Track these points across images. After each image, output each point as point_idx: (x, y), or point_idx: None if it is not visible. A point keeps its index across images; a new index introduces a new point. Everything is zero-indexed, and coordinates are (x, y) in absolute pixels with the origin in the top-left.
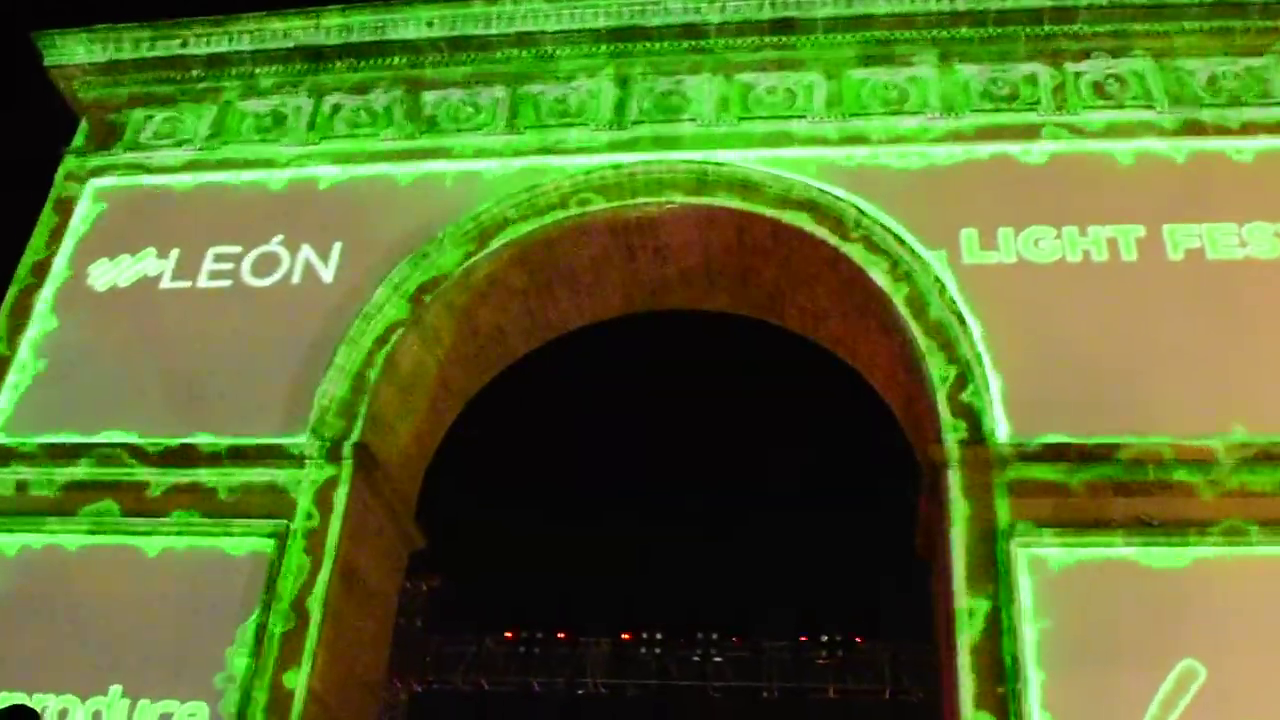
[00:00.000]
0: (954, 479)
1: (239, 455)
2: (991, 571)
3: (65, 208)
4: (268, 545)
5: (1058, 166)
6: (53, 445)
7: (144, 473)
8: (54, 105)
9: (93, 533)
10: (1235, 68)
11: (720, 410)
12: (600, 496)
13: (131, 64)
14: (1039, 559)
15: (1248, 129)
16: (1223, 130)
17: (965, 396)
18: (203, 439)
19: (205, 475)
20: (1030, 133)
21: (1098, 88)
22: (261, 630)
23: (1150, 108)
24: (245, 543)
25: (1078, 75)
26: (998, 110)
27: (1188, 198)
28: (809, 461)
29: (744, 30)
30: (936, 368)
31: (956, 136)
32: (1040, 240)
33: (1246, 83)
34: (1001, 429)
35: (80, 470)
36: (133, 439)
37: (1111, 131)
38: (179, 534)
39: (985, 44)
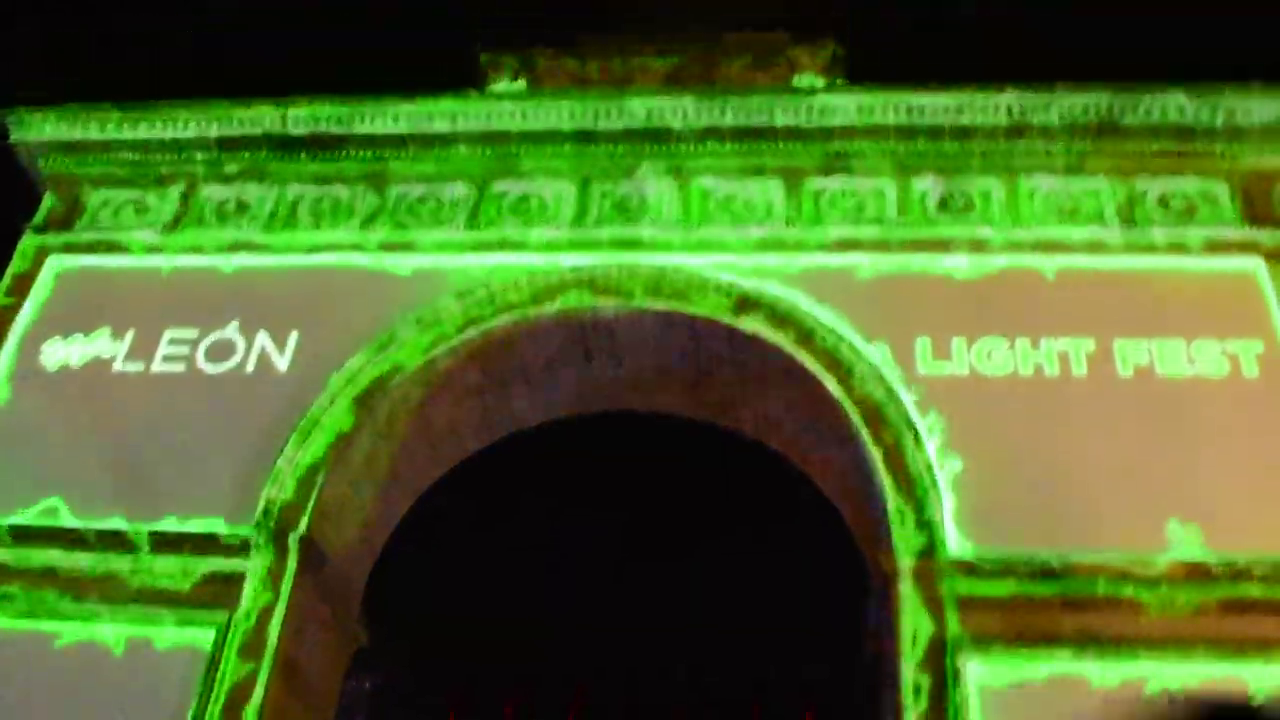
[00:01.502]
0: (904, 590)
1: (181, 543)
2: (940, 684)
3: (22, 284)
4: (206, 637)
5: (1011, 279)
6: None
7: (77, 557)
8: (16, 180)
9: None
10: (1186, 188)
11: (668, 511)
12: (549, 595)
13: (97, 143)
14: (988, 673)
15: (1195, 247)
16: (1172, 248)
17: (917, 507)
18: (144, 525)
19: (145, 562)
20: (984, 245)
21: (1051, 203)
22: None
23: (1101, 224)
24: (182, 634)
25: (1031, 190)
26: (953, 222)
27: (1137, 314)
28: (758, 566)
29: (705, 136)
30: (888, 478)
31: (912, 246)
32: (993, 352)
33: (1196, 202)
34: (953, 541)
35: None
36: (69, 521)
37: (1063, 246)
38: (110, 622)
39: (941, 157)
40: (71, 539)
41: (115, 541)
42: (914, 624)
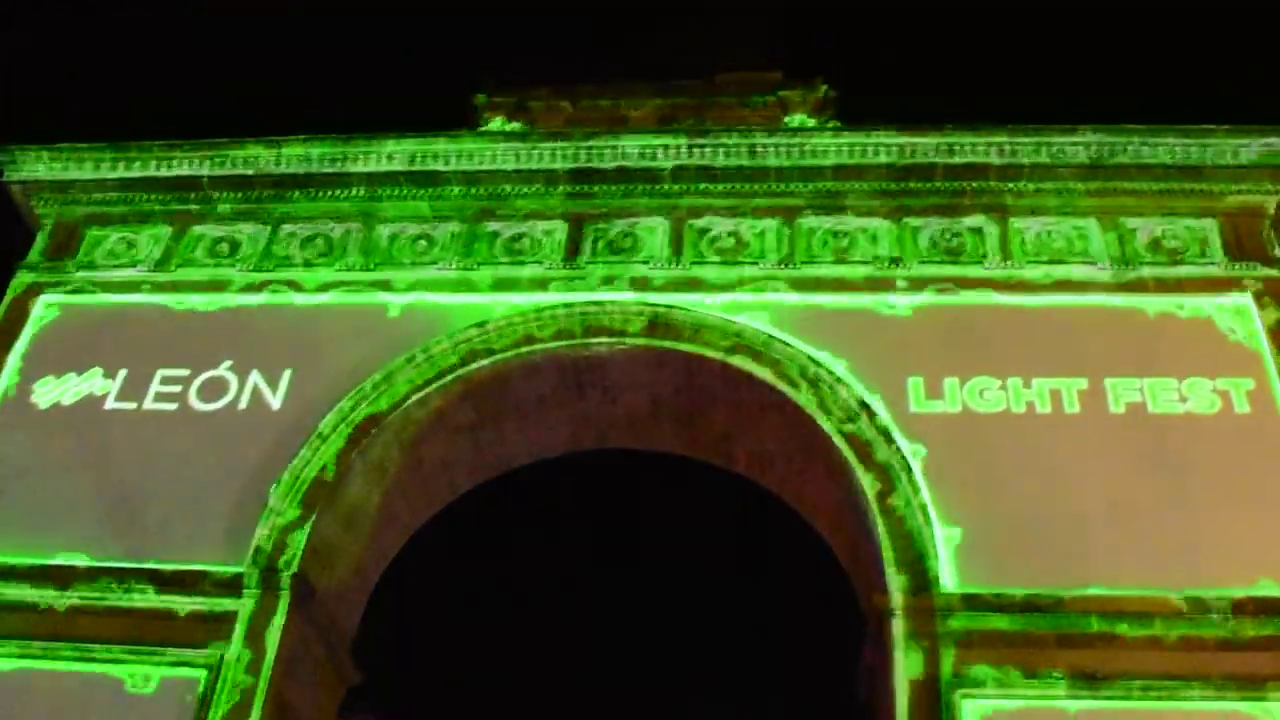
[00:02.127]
0: (898, 628)
1: (173, 582)
2: None
3: (15, 322)
4: (199, 676)
5: (1002, 318)
6: None
7: (68, 596)
8: (9, 218)
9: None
10: (1176, 227)
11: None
12: (541, 633)
13: (91, 182)
14: (983, 709)
15: (1187, 287)
16: (1162, 286)
17: (911, 545)
18: (136, 563)
19: (138, 600)
20: (975, 284)
21: (1042, 242)
22: None
23: (1092, 263)
24: (174, 673)
25: (1023, 230)
26: (945, 262)
27: (1129, 352)
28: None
29: (697, 176)
30: (881, 516)
31: (904, 286)
32: (985, 391)
33: (1186, 242)
34: (946, 578)
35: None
36: (60, 559)
37: (1055, 286)
38: (108, 662)
39: (933, 196)
40: (63, 577)
41: (107, 580)
42: (908, 661)
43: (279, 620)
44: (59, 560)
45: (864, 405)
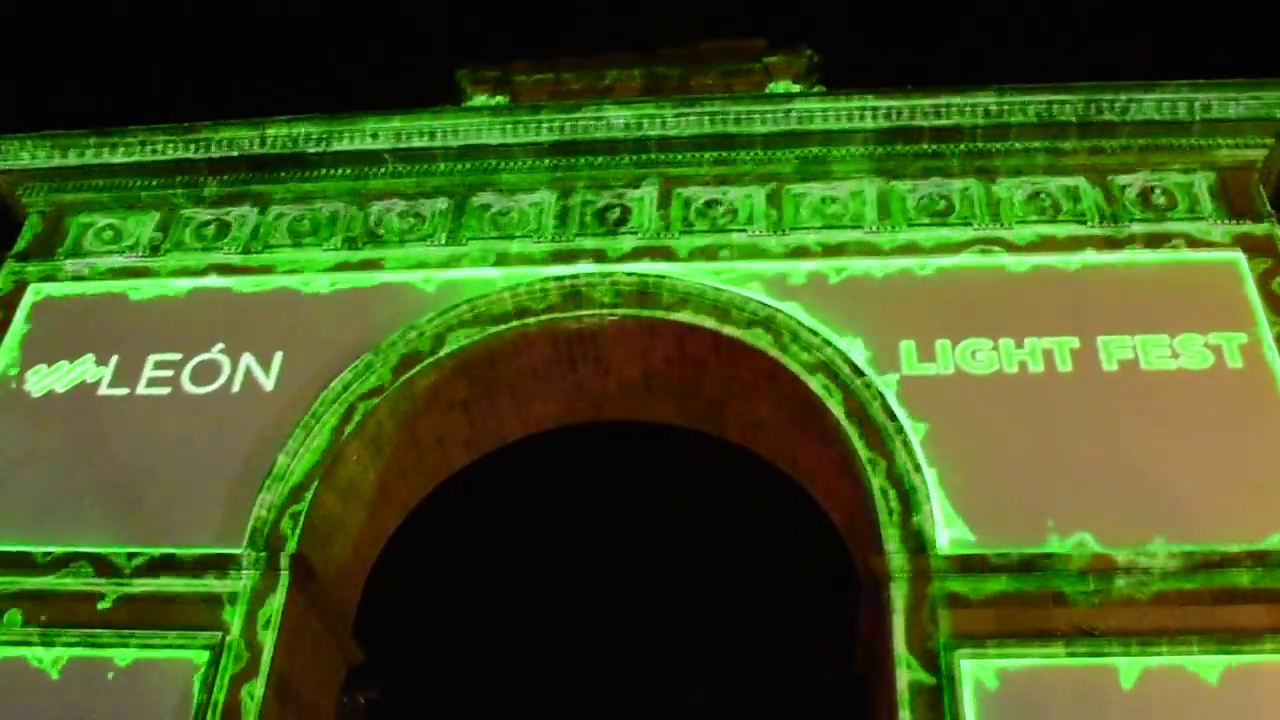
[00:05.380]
0: (896, 591)
1: (172, 565)
2: (935, 684)
3: (5, 312)
4: (201, 658)
5: (993, 279)
6: None
7: (68, 581)
8: None
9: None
10: (1165, 183)
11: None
12: (541, 608)
13: (76, 170)
14: (982, 671)
15: (1177, 243)
16: (1153, 243)
17: (906, 508)
18: (134, 547)
19: (138, 585)
20: (965, 246)
21: (1031, 202)
22: None
23: (1082, 222)
24: (176, 655)
25: (1011, 190)
26: (933, 224)
27: (1120, 310)
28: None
29: (685, 145)
30: (876, 479)
31: (893, 249)
32: (977, 352)
33: (1176, 197)
34: (943, 540)
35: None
36: (59, 546)
37: (1045, 245)
38: (110, 645)
39: (920, 159)
40: (62, 563)
41: (105, 565)
42: (906, 624)
43: (278, 600)
44: (56, 546)
45: (857, 369)
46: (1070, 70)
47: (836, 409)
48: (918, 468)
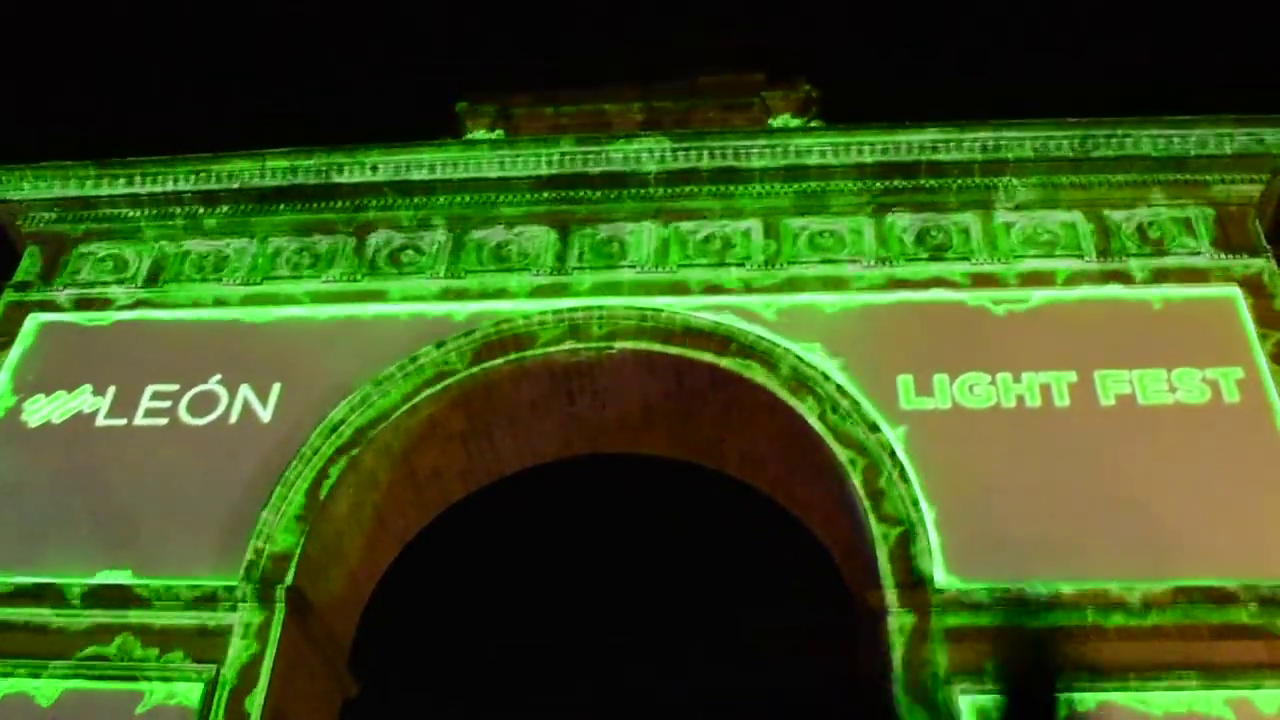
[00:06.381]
0: (894, 625)
1: (167, 597)
2: (933, 718)
3: (4, 342)
4: (196, 691)
5: (991, 313)
6: None
7: (63, 614)
8: None
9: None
10: (1162, 219)
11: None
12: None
13: (77, 201)
14: (980, 706)
15: (1174, 277)
16: (1150, 278)
17: (903, 542)
18: (132, 579)
19: (133, 617)
20: (963, 281)
21: (1028, 236)
22: None
23: (1079, 256)
24: (171, 688)
25: (1008, 224)
26: (931, 259)
27: (1117, 344)
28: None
29: (682, 179)
30: (874, 513)
31: (891, 283)
32: (975, 386)
33: (1172, 232)
34: (940, 575)
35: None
36: (54, 578)
37: (1042, 279)
38: (104, 679)
39: (918, 193)
40: (57, 595)
41: (100, 597)
42: (904, 659)
43: (274, 633)
44: (51, 579)
45: (854, 404)
46: (1067, 105)
47: (833, 443)
48: (915, 502)
